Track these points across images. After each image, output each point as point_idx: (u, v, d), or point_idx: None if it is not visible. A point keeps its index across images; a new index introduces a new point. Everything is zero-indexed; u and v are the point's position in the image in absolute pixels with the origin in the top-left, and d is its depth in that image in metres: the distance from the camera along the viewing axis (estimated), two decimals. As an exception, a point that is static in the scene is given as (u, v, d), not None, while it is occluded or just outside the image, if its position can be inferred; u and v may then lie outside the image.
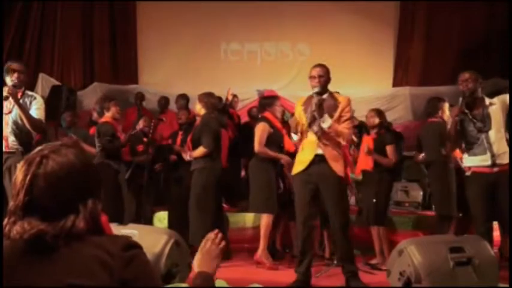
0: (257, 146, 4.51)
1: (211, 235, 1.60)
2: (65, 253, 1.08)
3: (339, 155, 3.69)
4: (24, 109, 3.66)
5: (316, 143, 3.65)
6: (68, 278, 1.05)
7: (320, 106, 3.61)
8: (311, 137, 3.68)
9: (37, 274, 1.06)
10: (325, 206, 3.76)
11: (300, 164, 3.72)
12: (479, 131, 3.63)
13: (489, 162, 3.60)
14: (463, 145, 3.77)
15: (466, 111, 3.64)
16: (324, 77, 3.71)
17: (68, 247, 1.08)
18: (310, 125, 3.60)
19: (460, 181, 4.45)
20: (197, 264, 1.55)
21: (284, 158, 4.52)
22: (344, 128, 3.67)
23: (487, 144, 3.61)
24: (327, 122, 3.61)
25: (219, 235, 1.61)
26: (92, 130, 5.58)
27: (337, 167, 3.63)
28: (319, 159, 3.64)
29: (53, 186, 1.12)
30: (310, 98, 3.75)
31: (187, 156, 4.73)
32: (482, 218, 3.66)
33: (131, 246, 1.13)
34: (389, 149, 4.62)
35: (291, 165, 4.25)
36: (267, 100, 4.90)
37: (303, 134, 3.78)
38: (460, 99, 3.64)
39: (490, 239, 3.57)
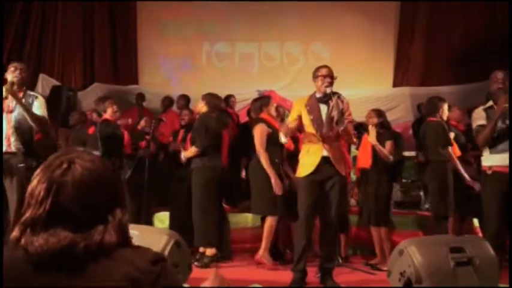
0: (259, 148, 4.49)
1: None
2: (93, 269, 1.00)
3: (341, 156, 3.80)
4: (26, 107, 3.63)
5: (322, 146, 3.69)
6: None
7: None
8: (316, 140, 3.70)
9: None
10: (324, 205, 3.79)
11: (307, 166, 3.75)
12: (507, 128, 3.56)
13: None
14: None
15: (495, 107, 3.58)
16: (333, 77, 3.73)
17: (96, 262, 1.00)
18: (337, 122, 3.58)
19: (459, 182, 4.47)
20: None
21: (274, 181, 4.38)
22: (352, 129, 3.80)
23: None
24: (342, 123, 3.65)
25: None
26: (91, 130, 5.61)
27: (341, 168, 3.75)
28: (325, 161, 3.71)
29: (82, 194, 1.03)
30: (312, 98, 3.79)
31: (182, 157, 4.76)
32: (497, 218, 3.59)
33: (158, 259, 1.07)
34: (388, 144, 4.59)
35: (279, 187, 4.35)
36: (262, 101, 4.89)
37: (305, 135, 3.83)
38: (502, 95, 3.54)
39: (502, 239, 3.54)
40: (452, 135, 4.62)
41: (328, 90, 3.64)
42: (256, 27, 8.54)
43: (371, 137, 4.52)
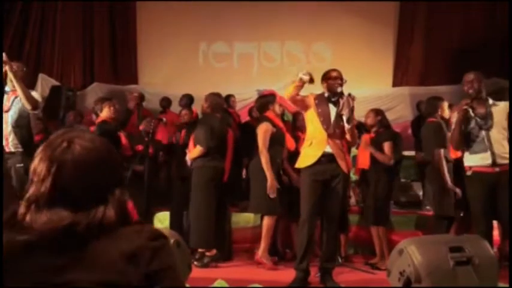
0: (261, 147, 4.47)
1: None
2: (94, 248, 1.01)
3: (344, 153, 3.81)
4: (21, 83, 3.54)
5: (326, 140, 3.72)
6: (96, 275, 0.99)
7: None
8: (320, 134, 3.75)
9: (62, 271, 0.99)
10: (327, 204, 3.80)
11: (308, 158, 3.78)
12: (480, 128, 3.61)
13: (489, 161, 3.57)
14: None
15: (469, 109, 3.63)
16: (343, 80, 3.84)
17: (97, 241, 1.02)
18: (348, 120, 3.67)
19: (460, 180, 4.45)
20: None
21: (270, 182, 4.38)
22: (355, 131, 3.88)
23: (487, 143, 3.58)
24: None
25: None
26: (91, 130, 5.63)
27: (344, 165, 3.76)
28: (327, 157, 3.73)
29: (81, 173, 1.05)
30: (321, 95, 3.86)
31: (187, 159, 4.76)
32: (483, 218, 3.64)
33: (157, 236, 1.08)
34: (386, 145, 4.61)
35: (273, 189, 4.36)
36: (268, 98, 4.88)
37: (308, 130, 3.90)
38: (466, 99, 3.64)
39: (490, 239, 3.56)
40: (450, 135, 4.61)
41: (339, 90, 3.75)
42: (255, 27, 8.53)
43: (364, 145, 4.66)
